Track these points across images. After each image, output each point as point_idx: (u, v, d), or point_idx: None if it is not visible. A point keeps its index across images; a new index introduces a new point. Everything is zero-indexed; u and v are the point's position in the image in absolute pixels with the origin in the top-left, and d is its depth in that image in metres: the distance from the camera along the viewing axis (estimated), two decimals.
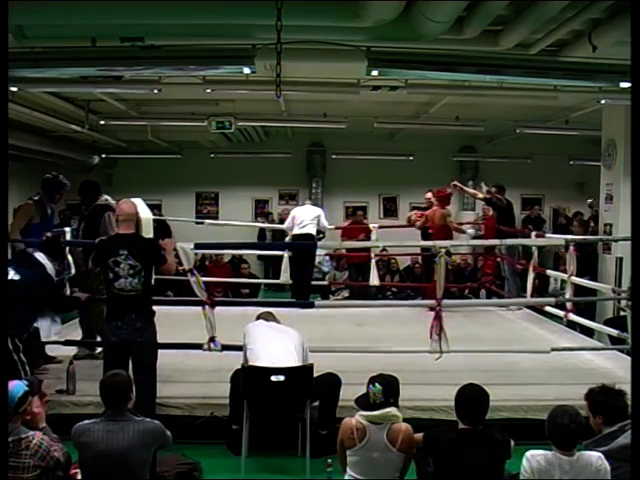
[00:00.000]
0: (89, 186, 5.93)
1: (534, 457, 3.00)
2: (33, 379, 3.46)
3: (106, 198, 5.87)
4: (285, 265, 8.66)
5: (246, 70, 5.93)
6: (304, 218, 8.89)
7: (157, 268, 4.47)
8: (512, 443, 3.29)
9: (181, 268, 5.20)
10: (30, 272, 4.53)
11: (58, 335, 5.46)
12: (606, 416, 3.22)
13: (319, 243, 8.09)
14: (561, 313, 6.67)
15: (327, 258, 11.38)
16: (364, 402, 3.50)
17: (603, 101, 7.67)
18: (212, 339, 4.98)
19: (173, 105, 9.58)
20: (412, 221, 9.29)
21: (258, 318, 4.78)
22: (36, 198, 5.71)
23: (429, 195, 9.70)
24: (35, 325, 4.96)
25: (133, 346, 4.24)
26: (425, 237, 9.14)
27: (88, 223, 5.71)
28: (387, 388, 3.46)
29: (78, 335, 5.94)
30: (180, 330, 5.93)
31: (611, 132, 8.34)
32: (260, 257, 12.76)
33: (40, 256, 4.83)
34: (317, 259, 11.21)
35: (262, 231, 12.88)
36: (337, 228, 10.97)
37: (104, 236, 5.42)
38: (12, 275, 4.34)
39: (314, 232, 8.69)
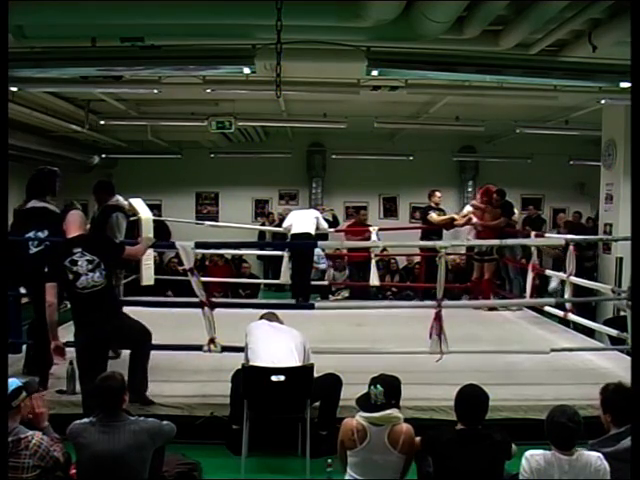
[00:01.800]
0: (102, 186, 6.03)
1: (533, 457, 3.00)
2: (31, 379, 3.46)
3: (117, 199, 5.88)
4: (285, 265, 8.65)
5: (246, 70, 5.93)
6: (302, 219, 8.88)
7: (119, 258, 4.51)
8: (514, 447, 3.29)
9: (181, 268, 5.21)
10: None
11: None
12: (615, 416, 3.22)
13: (319, 242, 8.06)
14: (561, 313, 6.69)
15: (322, 255, 11.35)
16: (365, 403, 3.48)
17: (603, 101, 7.67)
18: (212, 340, 4.98)
19: (173, 105, 9.58)
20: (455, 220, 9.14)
21: (261, 318, 4.78)
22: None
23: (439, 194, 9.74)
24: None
25: (109, 342, 4.33)
26: (426, 237, 9.17)
27: (97, 223, 5.72)
28: (388, 389, 3.44)
29: None
30: (180, 330, 5.94)
31: (611, 132, 8.35)
32: (260, 257, 12.76)
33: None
34: (315, 256, 11.20)
35: (262, 232, 12.89)
36: (337, 231, 10.97)
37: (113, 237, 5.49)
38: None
39: (312, 231, 8.67)
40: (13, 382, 3.22)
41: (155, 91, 7.50)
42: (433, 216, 9.36)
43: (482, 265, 8.55)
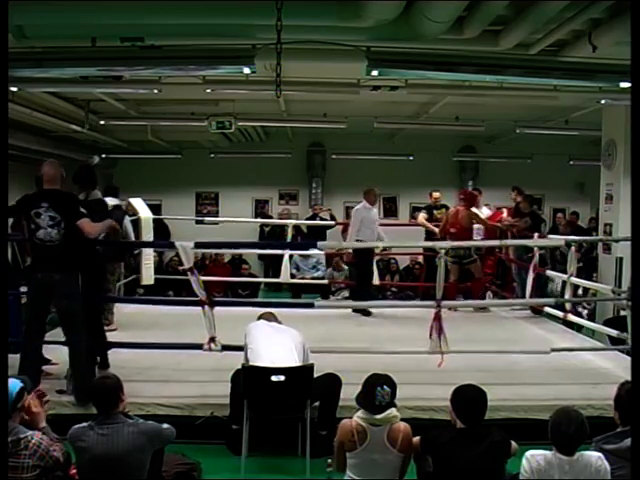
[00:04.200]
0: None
1: (534, 457, 3.00)
2: (26, 378, 3.47)
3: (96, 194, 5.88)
4: (285, 265, 8.63)
5: (246, 70, 5.93)
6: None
7: (73, 222, 4.56)
8: (514, 445, 3.29)
9: (181, 268, 5.21)
10: None
11: None
12: (622, 414, 3.23)
13: (319, 243, 8.03)
14: (560, 314, 6.71)
15: (322, 261, 11.31)
16: (369, 403, 3.43)
17: (603, 101, 7.67)
18: (212, 339, 4.98)
19: (173, 105, 9.57)
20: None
21: (259, 318, 4.79)
22: None
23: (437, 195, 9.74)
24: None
25: (53, 297, 4.51)
26: (430, 237, 9.16)
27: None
28: (393, 389, 3.45)
29: None
30: (180, 330, 5.95)
31: (611, 132, 8.34)
32: (260, 257, 12.76)
33: None
34: (314, 259, 11.22)
35: (263, 232, 12.90)
36: (337, 223, 11.06)
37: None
38: None
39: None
40: (15, 383, 3.22)
41: (155, 91, 7.49)
42: (419, 216, 9.45)
43: (459, 268, 8.39)
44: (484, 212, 9.48)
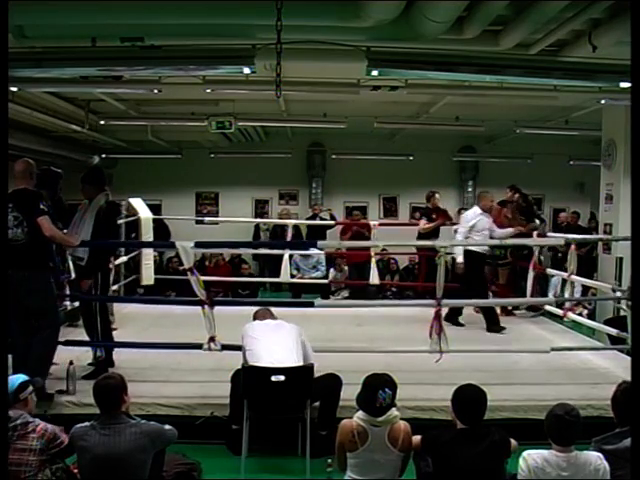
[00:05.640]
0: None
1: (530, 456, 3.03)
2: (39, 379, 3.51)
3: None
4: (285, 265, 8.63)
5: (246, 70, 5.93)
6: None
7: (34, 220, 4.58)
8: (513, 442, 3.29)
9: (182, 268, 5.22)
10: None
11: None
12: (617, 414, 3.24)
13: (319, 242, 8.02)
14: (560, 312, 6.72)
15: (322, 261, 11.28)
16: (370, 406, 3.42)
17: (603, 101, 7.67)
18: (212, 339, 4.98)
19: (173, 105, 9.57)
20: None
21: (255, 317, 4.78)
22: None
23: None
24: None
25: (20, 294, 4.52)
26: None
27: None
28: (394, 390, 3.45)
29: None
30: (180, 330, 5.95)
31: (611, 132, 8.34)
32: (255, 257, 12.74)
33: None
34: (314, 259, 11.21)
35: (257, 232, 12.91)
36: (337, 223, 11.07)
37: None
38: None
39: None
40: (19, 377, 3.27)
41: (155, 91, 7.50)
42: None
43: (497, 270, 8.35)
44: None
